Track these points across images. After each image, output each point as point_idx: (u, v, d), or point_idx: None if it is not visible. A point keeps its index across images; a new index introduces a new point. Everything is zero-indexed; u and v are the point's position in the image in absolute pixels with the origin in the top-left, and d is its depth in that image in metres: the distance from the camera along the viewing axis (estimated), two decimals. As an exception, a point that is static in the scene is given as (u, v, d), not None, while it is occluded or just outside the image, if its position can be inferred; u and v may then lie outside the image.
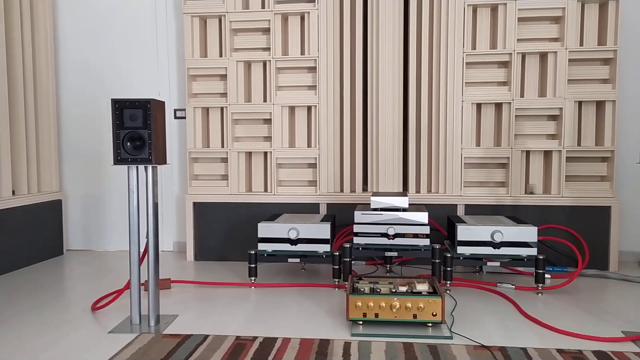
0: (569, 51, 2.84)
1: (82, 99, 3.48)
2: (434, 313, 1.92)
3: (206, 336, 1.88)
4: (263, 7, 3.07)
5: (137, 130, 1.91)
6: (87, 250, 3.54)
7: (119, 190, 3.49)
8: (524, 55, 2.94)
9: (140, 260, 2.04)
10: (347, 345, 1.79)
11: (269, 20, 3.05)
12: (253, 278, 2.58)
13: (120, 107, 1.91)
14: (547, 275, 2.70)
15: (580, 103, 2.92)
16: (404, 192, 2.85)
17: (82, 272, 2.92)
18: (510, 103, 2.91)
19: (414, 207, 2.70)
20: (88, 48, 3.45)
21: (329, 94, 3.06)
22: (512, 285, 2.52)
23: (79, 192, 3.53)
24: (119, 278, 2.78)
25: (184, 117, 3.36)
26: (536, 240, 2.41)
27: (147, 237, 1.99)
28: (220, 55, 3.16)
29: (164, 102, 2.01)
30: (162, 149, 1.99)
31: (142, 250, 2.17)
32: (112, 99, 1.92)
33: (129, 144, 1.92)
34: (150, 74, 3.41)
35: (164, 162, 2.01)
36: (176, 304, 2.32)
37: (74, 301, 2.37)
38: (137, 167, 1.98)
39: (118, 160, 1.93)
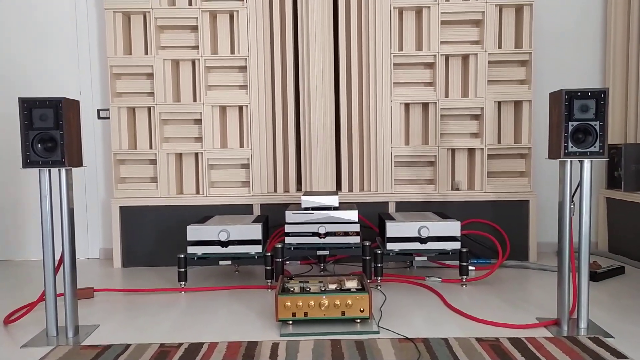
0: (489, 53, 2.99)
1: (-6, 99, 3.24)
2: (362, 309, 1.95)
3: (128, 345, 1.81)
4: (190, 4, 3.00)
5: (48, 131, 1.80)
6: (4, 260, 3.30)
7: (39, 195, 3.28)
8: (447, 57, 3.05)
9: (56, 270, 1.92)
10: (275, 346, 1.78)
11: (197, 18, 2.98)
12: (183, 283, 2.51)
13: (29, 107, 1.79)
14: (471, 268, 2.83)
15: (499, 103, 3.08)
16: (335, 191, 2.89)
17: (-4, 284, 2.72)
18: (435, 103, 3.02)
19: (344, 205, 2.73)
20: (2, 43, 3.21)
21: (261, 93, 3.03)
22: (439, 278, 2.61)
23: (-7, 199, 3.28)
24: (39, 289, 2.61)
25: (108, 118, 3.21)
26: (460, 234, 2.51)
27: (63, 244, 1.88)
28: (146, 53, 3.05)
29: (77, 101, 1.91)
30: (76, 151, 1.89)
31: (57, 258, 2.05)
32: (19, 98, 1.79)
33: (39, 145, 1.81)
34: (70, 72, 3.23)
35: (79, 164, 1.91)
36: (98, 313, 2.21)
37: (-17, 316, 2.20)
38: (49, 170, 1.87)
39: (28, 163, 1.81)
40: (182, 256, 2.50)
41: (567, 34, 3.26)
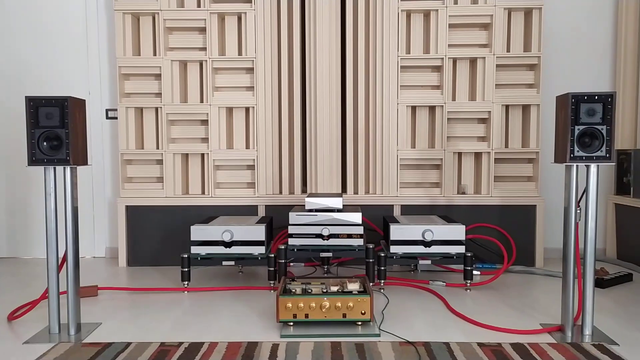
0: (497, 57, 2.97)
1: (5, 97, 3.28)
2: (363, 312, 1.94)
3: (128, 344, 1.81)
4: (199, 6, 3.02)
5: (54, 130, 1.82)
6: (12, 257, 3.34)
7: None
8: (455, 60, 3.04)
9: (59, 268, 1.94)
10: (274, 347, 1.78)
11: (205, 20, 3.00)
12: (186, 282, 2.52)
13: (36, 105, 1.82)
14: (476, 272, 2.80)
15: (507, 107, 3.06)
16: (339, 193, 2.88)
17: (2, 281, 2.75)
18: (442, 106, 3.00)
19: (349, 207, 2.72)
20: (13, 44, 3.26)
21: (267, 95, 3.04)
22: (443, 282, 2.59)
23: (2, 196, 3.32)
24: (44, 286, 2.64)
25: (116, 118, 3.24)
26: (464, 238, 2.49)
27: (66, 243, 1.90)
28: (155, 54, 3.07)
29: (84, 100, 1.93)
30: (81, 149, 1.90)
31: (61, 256, 2.06)
32: (26, 97, 1.81)
33: (45, 143, 1.83)
34: (80, 72, 3.27)
35: (84, 163, 1.92)
36: (101, 311, 2.22)
37: (-12, 312, 2.22)
38: (54, 169, 1.88)
39: (33, 161, 1.83)
40: (186, 256, 2.51)
41: (577, 38, 3.23)
